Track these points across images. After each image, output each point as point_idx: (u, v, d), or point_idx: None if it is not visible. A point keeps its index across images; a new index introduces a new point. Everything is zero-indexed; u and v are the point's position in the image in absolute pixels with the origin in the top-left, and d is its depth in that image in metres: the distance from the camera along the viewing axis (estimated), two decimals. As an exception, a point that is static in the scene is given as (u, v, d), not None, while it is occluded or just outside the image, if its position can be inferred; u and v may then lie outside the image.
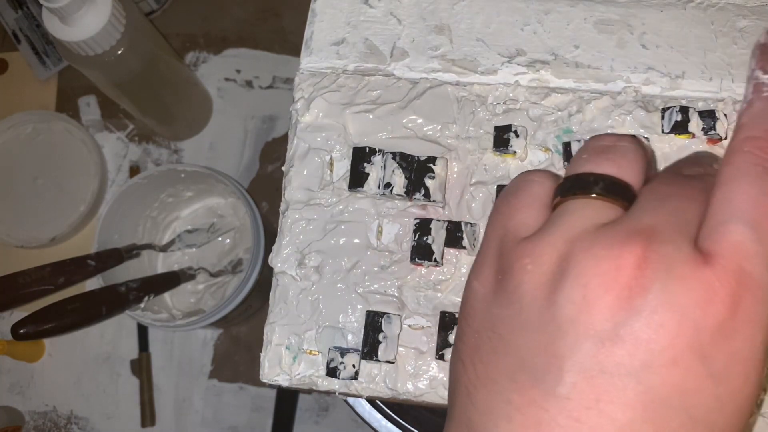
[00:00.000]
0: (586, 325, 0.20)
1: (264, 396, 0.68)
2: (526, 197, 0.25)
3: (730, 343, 0.20)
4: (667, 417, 0.20)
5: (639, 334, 0.20)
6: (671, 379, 0.20)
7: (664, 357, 0.20)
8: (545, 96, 0.34)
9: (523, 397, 0.21)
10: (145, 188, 0.63)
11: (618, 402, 0.20)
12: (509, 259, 0.23)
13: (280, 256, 0.34)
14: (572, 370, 0.20)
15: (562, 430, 0.20)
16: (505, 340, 0.22)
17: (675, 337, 0.20)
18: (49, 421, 0.70)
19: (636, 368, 0.20)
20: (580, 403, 0.20)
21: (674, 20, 0.35)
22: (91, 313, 0.54)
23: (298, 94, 0.36)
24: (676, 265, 0.20)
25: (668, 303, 0.20)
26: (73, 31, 0.53)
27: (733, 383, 0.20)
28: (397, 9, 0.37)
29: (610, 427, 0.20)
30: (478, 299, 0.24)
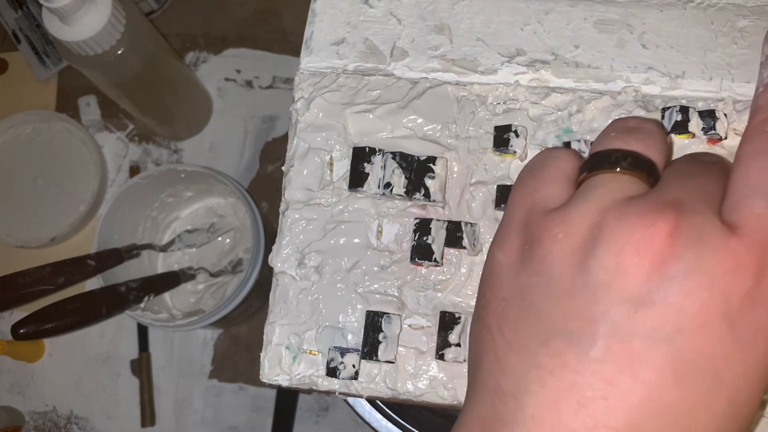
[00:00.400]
0: (620, 290, 0.21)
1: (264, 396, 0.68)
2: (552, 171, 0.25)
3: (755, 311, 0.21)
4: (696, 380, 0.20)
5: (672, 299, 0.20)
6: (701, 343, 0.20)
7: (695, 322, 0.20)
8: (545, 96, 0.34)
9: (556, 360, 0.21)
10: (145, 188, 0.63)
11: (650, 365, 0.20)
12: (537, 229, 0.24)
13: (280, 256, 0.34)
14: (606, 333, 0.21)
15: (595, 392, 0.21)
16: (536, 306, 0.23)
17: (706, 303, 0.20)
18: (49, 421, 0.70)
19: (668, 332, 0.20)
20: (614, 366, 0.21)
21: (674, 20, 0.35)
22: (91, 313, 0.54)
23: (298, 94, 0.36)
24: (707, 235, 0.21)
25: (700, 270, 0.20)
26: (73, 31, 0.53)
27: (757, 350, 0.21)
28: (397, 9, 0.37)
29: (641, 390, 0.20)
30: (504, 269, 0.24)
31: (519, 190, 0.26)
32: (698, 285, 0.20)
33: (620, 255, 0.21)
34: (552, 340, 0.22)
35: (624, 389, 0.20)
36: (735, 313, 0.21)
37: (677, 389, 0.20)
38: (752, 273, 0.21)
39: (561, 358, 0.21)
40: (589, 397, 0.21)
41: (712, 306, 0.20)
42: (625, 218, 0.22)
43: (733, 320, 0.20)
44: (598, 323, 0.21)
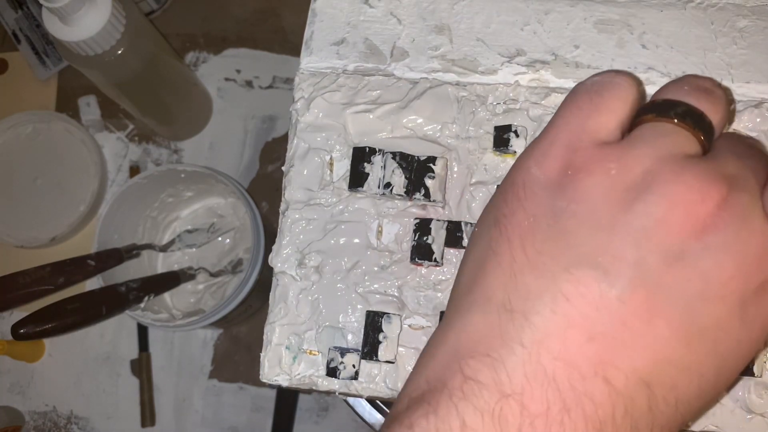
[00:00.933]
0: (659, 241, 0.21)
1: (264, 396, 0.68)
2: (613, 101, 0.24)
3: (765, 297, 0.22)
4: (699, 344, 0.21)
5: (703, 265, 0.21)
6: (715, 312, 0.21)
7: (716, 292, 0.21)
8: (545, 96, 0.34)
9: (576, 289, 0.21)
10: (145, 188, 0.63)
11: (666, 318, 0.21)
12: (587, 158, 0.23)
13: (280, 256, 0.34)
14: (634, 277, 0.21)
15: (606, 329, 0.21)
16: (568, 232, 0.22)
17: (730, 278, 0.21)
18: (49, 421, 0.70)
19: (690, 294, 0.21)
20: (632, 310, 0.21)
21: (674, 20, 0.35)
22: (91, 313, 0.54)
23: (298, 94, 0.36)
24: (750, 216, 0.22)
25: (735, 247, 0.21)
26: (73, 31, 0.53)
27: (754, 333, 0.22)
28: (397, 9, 0.37)
29: (652, 339, 0.21)
30: (538, 185, 0.24)
31: (571, 110, 0.25)
32: (729, 260, 0.21)
33: (670, 209, 0.21)
34: (577, 269, 0.21)
35: (636, 334, 0.21)
36: (749, 294, 0.22)
37: (681, 348, 0.21)
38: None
39: (582, 288, 0.21)
40: (600, 332, 0.21)
41: (734, 282, 0.21)
42: (682, 176, 0.22)
43: (745, 300, 0.22)
44: (629, 265, 0.21)
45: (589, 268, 0.21)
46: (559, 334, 0.21)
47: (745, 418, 0.30)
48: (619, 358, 0.21)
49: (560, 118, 0.25)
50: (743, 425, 0.30)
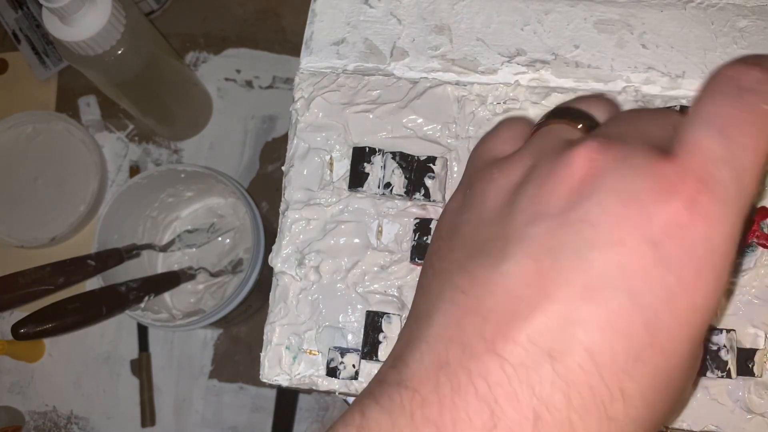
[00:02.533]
0: (537, 212, 0.21)
1: (264, 396, 0.68)
2: (502, 132, 0.27)
3: (684, 235, 0.19)
4: (606, 297, 0.19)
5: (586, 215, 0.20)
6: (615, 258, 0.20)
7: (610, 237, 0.20)
8: (545, 95, 0.34)
9: (468, 279, 0.21)
10: (145, 188, 0.63)
11: (559, 278, 0.20)
12: (478, 174, 0.25)
13: (280, 256, 0.34)
14: (517, 249, 0.21)
15: (498, 305, 0.20)
16: (464, 236, 0.23)
17: (623, 219, 0.20)
18: (49, 421, 0.70)
19: (579, 246, 0.20)
20: (521, 280, 0.20)
21: (674, 20, 0.35)
22: (91, 313, 0.54)
23: (298, 93, 0.36)
24: (631, 158, 0.20)
25: (619, 188, 0.20)
26: (73, 31, 0.53)
27: (685, 276, 0.19)
28: (397, 9, 0.37)
29: (548, 304, 0.20)
30: (447, 213, 0.26)
31: (472, 152, 0.28)
32: (616, 202, 0.20)
33: (543, 184, 0.21)
34: (469, 261, 0.22)
35: (528, 302, 0.20)
36: (659, 234, 0.19)
37: (585, 304, 0.19)
38: (681, 198, 0.19)
39: (473, 277, 0.21)
40: (492, 310, 0.20)
41: (629, 222, 0.20)
42: (554, 155, 0.22)
43: (656, 240, 0.19)
44: (510, 240, 0.21)
45: (478, 257, 0.22)
46: (456, 323, 0.21)
47: (745, 418, 0.30)
48: (512, 331, 0.20)
49: (467, 164, 0.28)
50: (743, 425, 0.30)
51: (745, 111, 0.20)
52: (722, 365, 0.30)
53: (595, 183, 0.20)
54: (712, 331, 0.30)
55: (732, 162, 0.20)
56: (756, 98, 0.21)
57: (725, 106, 0.21)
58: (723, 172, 0.20)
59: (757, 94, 0.21)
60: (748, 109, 0.20)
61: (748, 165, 0.20)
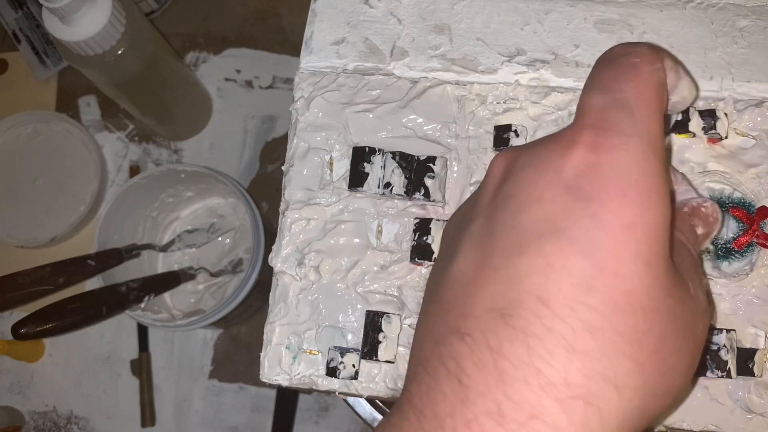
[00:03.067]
0: (473, 213, 0.24)
1: (264, 396, 0.68)
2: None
3: (595, 170, 0.21)
4: (539, 244, 0.21)
5: (506, 192, 0.23)
6: (541, 211, 0.21)
7: (530, 198, 0.22)
8: (545, 95, 0.34)
9: (435, 289, 0.24)
10: (145, 188, 0.63)
11: (498, 251, 0.22)
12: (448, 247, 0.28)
13: (280, 255, 0.34)
14: (461, 247, 0.23)
15: (456, 293, 0.22)
16: (433, 272, 0.27)
17: (536, 181, 0.22)
18: (49, 421, 0.70)
19: (508, 218, 0.22)
20: (470, 265, 0.22)
21: (674, 20, 0.35)
22: (91, 313, 0.54)
23: (298, 93, 0.36)
24: (536, 141, 0.24)
25: (528, 162, 0.23)
26: (73, 31, 0.53)
27: (609, 203, 0.21)
28: (397, 9, 0.37)
29: (492, 273, 0.22)
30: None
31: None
32: (529, 172, 0.23)
33: (475, 195, 0.25)
34: (435, 279, 0.25)
35: (476, 281, 0.22)
36: (571, 179, 0.21)
37: (523, 258, 0.21)
38: (583, 144, 0.22)
39: (437, 285, 0.24)
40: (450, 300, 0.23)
41: (543, 179, 0.22)
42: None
43: (571, 185, 0.21)
44: (457, 244, 0.24)
45: (439, 272, 0.25)
46: (431, 326, 0.23)
47: (745, 417, 0.30)
48: (467, 309, 0.21)
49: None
50: (743, 425, 0.30)
51: (617, 68, 0.24)
52: (722, 365, 0.30)
53: (509, 169, 0.24)
54: (712, 331, 0.30)
55: (618, 105, 0.23)
56: (623, 58, 0.24)
57: (601, 71, 0.24)
58: (612, 114, 0.22)
59: (624, 55, 0.24)
60: (619, 66, 0.24)
61: (633, 101, 0.23)
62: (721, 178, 0.32)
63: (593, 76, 0.24)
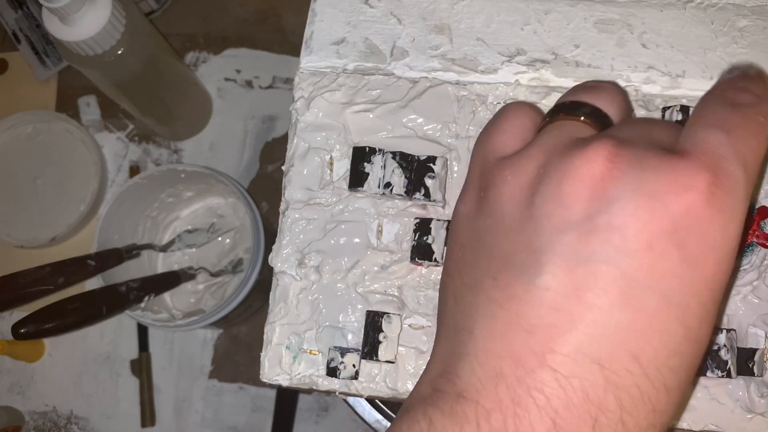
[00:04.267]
0: (563, 218, 0.21)
1: (264, 396, 0.68)
2: (504, 123, 0.26)
3: (704, 230, 0.21)
4: (643, 299, 0.20)
5: (613, 221, 0.21)
6: (646, 262, 0.20)
7: (638, 241, 0.20)
8: (545, 95, 0.34)
9: (504, 293, 0.22)
10: (145, 188, 0.63)
11: (596, 288, 0.21)
12: (490, 175, 0.25)
13: (280, 255, 0.34)
14: (551, 261, 0.21)
15: (541, 319, 0.21)
16: (488, 245, 0.24)
17: (648, 222, 0.20)
18: (49, 421, 0.70)
19: (611, 254, 0.21)
20: (560, 292, 0.21)
21: (674, 20, 0.35)
22: (91, 313, 0.54)
23: (298, 93, 0.36)
24: (648, 157, 0.21)
25: (640, 190, 0.21)
26: (73, 31, 0.53)
27: (707, 269, 0.21)
28: (397, 9, 0.37)
29: (589, 314, 0.21)
30: (463, 218, 0.26)
31: (476, 146, 0.27)
32: (639, 205, 0.21)
33: (561, 185, 0.22)
34: (501, 274, 0.22)
35: (570, 314, 0.21)
36: (681, 232, 0.20)
37: (623, 311, 0.20)
38: (700, 193, 0.20)
39: (509, 291, 0.22)
40: (536, 324, 0.21)
41: (655, 224, 0.20)
42: (567, 153, 0.22)
43: (680, 239, 0.20)
44: (542, 252, 0.21)
45: (509, 269, 0.22)
46: (500, 338, 0.22)
47: (746, 417, 0.30)
48: (559, 343, 0.21)
49: (471, 157, 0.27)
50: (743, 425, 0.30)
51: (744, 118, 0.22)
52: (722, 365, 0.30)
53: (614, 185, 0.21)
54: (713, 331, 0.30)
55: (738, 157, 0.21)
56: (751, 110, 0.22)
57: (726, 113, 0.22)
58: (732, 167, 0.21)
59: (752, 108, 0.23)
60: (746, 116, 0.22)
61: (750, 161, 0.22)
62: (721, 178, 0.32)
63: (714, 113, 0.23)
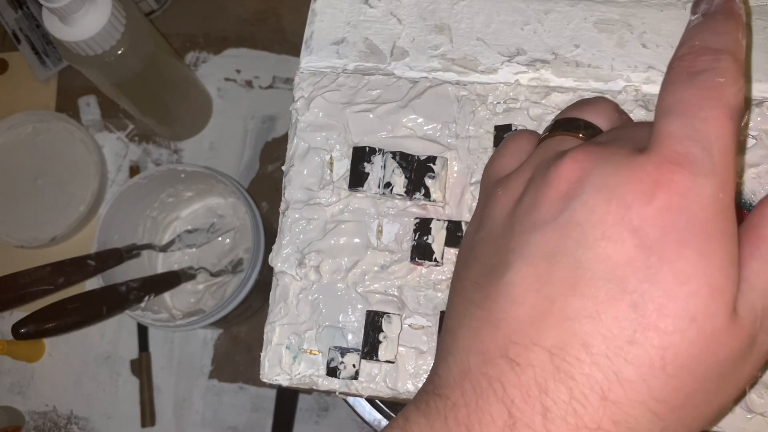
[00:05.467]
0: (533, 220, 0.23)
1: (264, 396, 0.68)
2: (505, 149, 0.28)
3: (663, 214, 0.21)
4: (593, 289, 0.21)
5: (574, 216, 0.22)
6: (602, 252, 0.21)
7: (595, 233, 0.21)
8: (545, 95, 0.34)
9: (482, 294, 0.23)
10: (145, 188, 0.63)
11: (554, 280, 0.21)
12: (487, 195, 0.27)
13: (280, 255, 0.34)
14: (517, 259, 0.22)
15: (505, 313, 0.22)
16: (477, 255, 0.25)
17: (605, 214, 0.21)
18: (49, 421, 0.70)
19: (570, 247, 0.21)
20: (523, 287, 0.22)
21: (674, 20, 0.35)
22: (91, 313, 0.54)
23: (298, 93, 0.36)
24: (611, 157, 0.22)
25: (600, 186, 0.21)
26: (73, 31, 0.53)
27: (668, 253, 0.20)
28: (397, 9, 0.37)
29: (545, 305, 0.21)
30: (467, 236, 0.28)
31: (483, 172, 0.29)
32: (599, 199, 0.21)
33: (537, 192, 0.23)
34: (480, 277, 0.24)
35: (530, 306, 0.22)
36: (637, 219, 0.21)
37: (576, 300, 0.21)
38: (656, 181, 0.21)
39: (485, 291, 0.23)
40: (501, 318, 0.22)
41: (611, 216, 0.21)
42: (549, 165, 0.23)
43: (637, 227, 0.21)
44: (512, 252, 0.23)
45: (486, 272, 0.24)
46: (474, 334, 0.23)
47: (745, 417, 0.30)
48: (518, 335, 0.21)
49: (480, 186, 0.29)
50: (743, 425, 0.30)
51: (699, 90, 0.22)
52: (722, 365, 0.30)
53: (580, 185, 0.22)
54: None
55: (697, 136, 0.21)
56: (707, 75, 0.22)
57: (681, 91, 0.22)
58: (691, 149, 0.21)
59: (708, 72, 0.22)
60: (702, 87, 0.22)
61: (713, 134, 0.21)
62: (722, 177, 0.32)
63: (671, 95, 0.22)
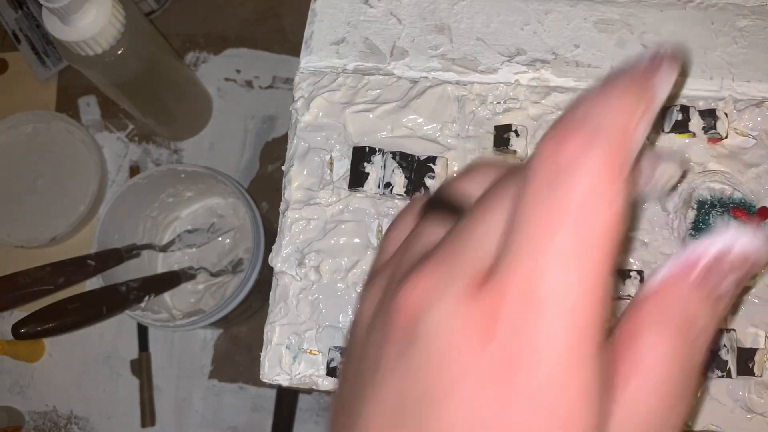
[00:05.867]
0: (381, 358, 0.20)
1: (264, 396, 0.68)
2: (396, 226, 0.24)
3: (503, 367, 0.17)
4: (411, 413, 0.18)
5: (411, 367, 0.18)
6: (444, 416, 0.17)
7: (434, 393, 0.17)
8: (545, 95, 0.34)
9: (340, 420, 0.21)
10: (145, 188, 0.63)
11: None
12: (363, 286, 0.24)
13: (280, 255, 0.34)
14: (369, 402, 0.19)
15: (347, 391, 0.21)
16: (347, 363, 0.23)
17: (441, 368, 0.18)
18: (49, 421, 0.70)
19: (412, 409, 0.18)
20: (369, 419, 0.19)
21: (674, 20, 0.35)
22: (91, 313, 0.54)
23: (298, 93, 0.36)
24: (448, 288, 0.18)
25: (436, 330, 0.18)
26: (73, 31, 0.53)
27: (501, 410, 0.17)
28: (397, 9, 0.37)
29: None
30: (353, 325, 0.24)
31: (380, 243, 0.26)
32: (435, 348, 0.18)
33: (384, 324, 0.20)
34: (344, 397, 0.22)
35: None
36: (474, 377, 0.17)
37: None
38: (504, 333, 0.17)
39: (341, 419, 0.21)
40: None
41: (448, 372, 0.17)
42: (397, 283, 0.20)
43: (473, 385, 0.17)
44: (366, 385, 0.20)
45: (349, 394, 0.22)
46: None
47: (745, 417, 0.30)
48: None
49: None
50: (743, 425, 0.30)
51: (559, 205, 0.16)
52: (722, 365, 0.30)
53: (415, 328, 0.18)
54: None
55: (547, 278, 0.16)
56: (572, 178, 0.16)
57: (537, 205, 0.17)
58: (543, 286, 0.16)
59: (575, 171, 0.16)
60: (562, 200, 0.16)
61: (569, 281, 0.16)
62: (722, 178, 0.32)
63: (527, 212, 0.17)
